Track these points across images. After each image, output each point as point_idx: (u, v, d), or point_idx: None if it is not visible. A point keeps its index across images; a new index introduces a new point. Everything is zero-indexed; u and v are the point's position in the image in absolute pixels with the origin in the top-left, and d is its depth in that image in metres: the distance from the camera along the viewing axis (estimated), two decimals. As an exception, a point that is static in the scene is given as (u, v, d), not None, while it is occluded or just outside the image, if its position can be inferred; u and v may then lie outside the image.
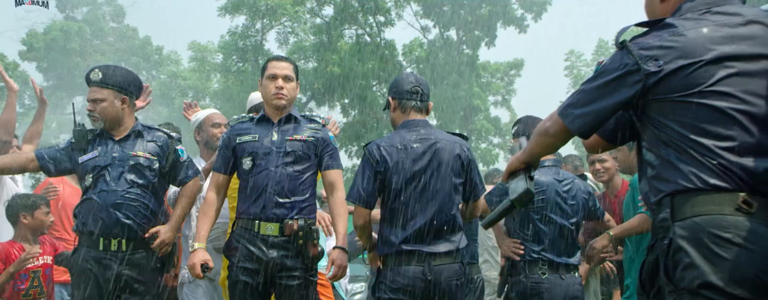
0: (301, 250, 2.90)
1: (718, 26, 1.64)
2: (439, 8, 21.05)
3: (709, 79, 1.60)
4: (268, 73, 3.06)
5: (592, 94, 1.71)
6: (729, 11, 1.68)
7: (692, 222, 1.56)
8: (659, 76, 1.63)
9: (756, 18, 1.67)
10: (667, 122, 1.65)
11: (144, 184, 3.05)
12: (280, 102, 3.03)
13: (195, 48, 26.14)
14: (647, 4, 1.85)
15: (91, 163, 3.05)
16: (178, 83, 26.88)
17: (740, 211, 1.53)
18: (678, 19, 1.69)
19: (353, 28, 20.82)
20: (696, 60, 1.61)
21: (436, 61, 20.46)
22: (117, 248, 2.98)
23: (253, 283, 2.88)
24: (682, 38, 1.63)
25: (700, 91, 1.60)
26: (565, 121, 1.75)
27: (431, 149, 2.88)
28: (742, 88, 1.60)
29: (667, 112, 1.65)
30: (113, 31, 28.44)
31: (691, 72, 1.61)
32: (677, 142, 1.63)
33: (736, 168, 1.56)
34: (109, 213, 2.96)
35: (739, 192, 1.54)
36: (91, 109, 3.08)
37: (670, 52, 1.63)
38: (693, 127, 1.61)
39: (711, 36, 1.63)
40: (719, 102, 1.59)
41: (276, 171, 2.94)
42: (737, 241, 1.50)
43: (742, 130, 1.58)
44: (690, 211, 1.58)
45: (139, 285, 3.00)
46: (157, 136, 3.18)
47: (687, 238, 1.56)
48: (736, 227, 1.51)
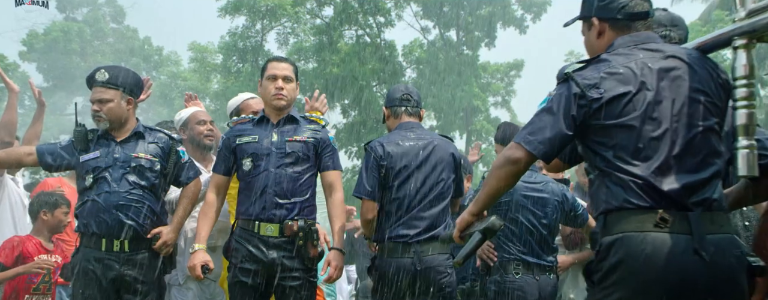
0: (301, 251, 2.91)
1: (645, 60, 1.89)
2: (439, 9, 21.04)
3: (635, 106, 1.84)
4: (268, 73, 3.06)
5: (549, 121, 1.89)
6: (652, 48, 1.93)
7: (616, 238, 1.80)
8: (600, 103, 1.86)
9: (675, 53, 1.93)
10: (598, 147, 1.88)
11: (146, 185, 3.06)
12: (279, 103, 3.03)
13: (195, 49, 26.13)
14: (586, 42, 2.10)
15: (92, 163, 3.06)
16: (178, 84, 26.86)
17: (658, 227, 1.76)
18: (611, 54, 1.94)
19: (353, 29, 20.81)
20: (627, 90, 1.85)
21: (436, 62, 20.45)
22: (119, 249, 2.99)
23: (253, 283, 2.89)
24: (615, 70, 1.88)
25: (627, 117, 1.84)
26: (529, 147, 1.89)
27: (429, 146, 3.12)
28: (662, 115, 1.84)
29: (600, 137, 1.88)
30: (113, 32, 28.43)
31: (623, 100, 1.85)
32: (607, 164, 1.86)
33: (654, 187, 1.78)
34: (111, 214, 2.97)
35: (657, 209, 1.77)
36: (97, 110, 3.07)
37: (608, 82, 1.86)
38: (619, 150, 1.84)
39: (638, 68, 1.87)
40: (643, 127, 1.83)
41: (276, 172, 2.94)
42: (651, 255, 1.74)
43: (660, 153, 1.82)
44: (616, 228, 1.81)
45: (141, 285, 3.01)
46: (158, 137, 3.19)
47: (611, 250, 1.81)
48: (653, 242, 1.75)
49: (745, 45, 1.89)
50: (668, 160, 1.82)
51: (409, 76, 21.60)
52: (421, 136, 3.15)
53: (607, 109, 1.86)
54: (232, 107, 3.70)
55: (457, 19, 21.06)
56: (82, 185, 3.08)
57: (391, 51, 20.65)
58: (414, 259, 2.96)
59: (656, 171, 1.80)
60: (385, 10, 20.43)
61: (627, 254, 1.78)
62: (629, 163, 1.82)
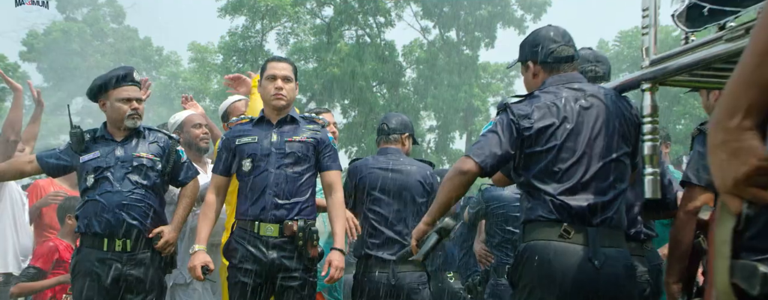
0: (301, 251, 2.91)
1: (569, 98, 2.25)
2: (439, 9, 21.05)
3: (557, 136, 2.20)
4: (268, 73, 3.06)
5: (495, 139, 2.23)
6: (576, 87, 2.30)
7: (529, 245, 2.18)
8: (530, 132, 2.21)
9: (594, 93, 2.29)
10: (524, 168, 2.25)
11: (148, 184, 3.07)
12: (279, 103, 3.03)
13: (195, 49, 26.14)
14: (524, 81, 2.46)
15: (93, 163, 3.06)
16: (178, 84, 26.87)
17: (561, 238, 2.13)
18: (542, 91, 2.31)
19: (353, 29, 20.82)
20: (552, 122, 2.21)
21: (436, 62, 20.46)
22: (121, 249, 2.99)
23: (252, 284, 2.89)
24: (543, 105, 2.24)
25: (549, 145, 2.20)
26: (477, 159, 2.20)
27: (397, 172, 3.37)
28: (578, 145, 2.20)
29: (526, 160, 2.23)
30: (113, 32, 28.43)
31: (548, 130, 2.20)
32: (530, 182, 2.22)
33: (564, 205, 2.14)
34: (114, 214, 2.97)
35: (563, 222, 2.13)
36: (135, 108, 3.11)
37: (537, 115, 2.22)
38: (540, 171, 2.20)
39: (562, 104, 2.23)
40: (561, 154, 2.19)
41: (276, 172, 2.94)
42: (553, 261, 2.11)
43: (573, 176, 2.17)
44: (529, 237, 2.19)
45: (143, 285, 3.01)
46: (158, 137, 3.20)
47: (524, 256, 2.17)
48: (555, 250, 2.12)
49: (649, 88, 2.22)
50: (579, 182, 2.17)
51: (409, 76, 21.61)
52: (394, 160, 3.42)
53: (535, 137, 2.22)
54: (222, 111, 3.78)
55: (457, 19, 21.05)
56: (83, 186, 3.08)
57: (391, 51, 20.65)
58: (389, 274, 3.23)
59: (567, 191, 2.16)
60: (385, 10, 20.43)
61: (535, 259, 2.14)
62: (546, 183, 2.19)
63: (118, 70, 3.18)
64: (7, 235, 3.91)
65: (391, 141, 3.51)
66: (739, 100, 1.05)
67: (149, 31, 47.20)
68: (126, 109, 3.09)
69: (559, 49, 2.36)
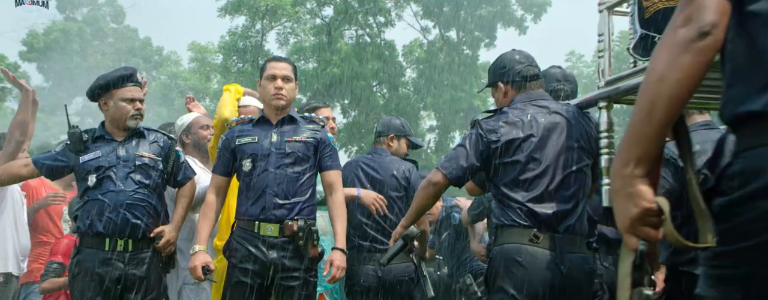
0: (301, 251, 2.91)
1: (535, 114, 2.48)
2: (439, 9, 21.04)
3: (523, 149, 2.42)
4: (267, 73, 3.06)
5: (463, 153, 2.46)
6: (541, 104, 2.53)
7: (502, 247, 2.38)
8: (498, 145, 2.43)
9: (558, 110, 2.51)
10: (495, 178, 2.47)
11: (150, 184, 3.08)
12: (279, 102, 3.03)
13: (195, 49, 26.14)
14: (496, 101, 2.68)
15: (94, 163, 3.05)
16: (178, 84, 26.87)
17: (532, 242, 2.33)
18: (511, 108, 2.53)
19: (353, 29, 20.83)
20: (518, 136, 2.43)
21: (436, 62, 20.45)
22: (123, 248, 2.99)
23: (253, 283, 2.89)
24: (511, 121, 2.46)
25: (516, 157, 2.41)
26: (445, 172, 2.45)
27: (383, 168, 3.64)
28: (544, 157, 2.41)
29: (497, 170, 2.45)
30: (113, 32, 28.43)
31: (514, 144, 2.42)
32: (500, 191, 2.44)
33: (532, 212, 2.35)
34: (118, 213, 2.97)
35: (532, 228, 2.34)
36: (139, 109, 3.11)
37: (504, 129, 2.45)
38: (509, 181, 2.42)
39: (529, 120, 2.46)
40: (527, 165, 2.40)
41: (276, 172, 2.94)
42: (524, 262, 2.32)
43: (539, 186, 2.38)
44: (502, 240, 2.40)
45: (144, 284, 3.01)
46: (157, 136, 3.21)
47: (498, 257, 2.38)
48: (526, 253, 2.33)
49: (605, 106, 2.42)
50: (545, 191, 2.38)
51: (409, 76, 21.61)
52: (376, 159, 3.71)
53: (503, 150, 2.43)
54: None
55: (457, 19, 21.05)
56: (83, 185, 3.07)
57: (391, 51, 20.65)
58: (376, 266, 3.46)
59: (534, 199, 2.37)
60: (385, 10, 20.44)
61: (508, 260, 2.35)
62: (516, 191, 2.40)
63: (121, 70, 3.18)
64: (8, 235, 3.91)
65: (380, 142, 3.81)
66: (631, 152, 1.24)
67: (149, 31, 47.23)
68: (129, 109, 3.10)
69: (525, 68, 2.60)
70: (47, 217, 4.27)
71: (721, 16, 1.18)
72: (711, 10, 1.18)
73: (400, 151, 3.78)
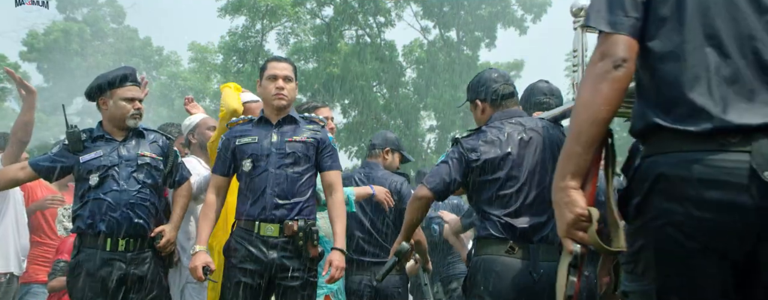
0: (301, 251, 2.92)
1: (511, 132, 2.63)
2: (439, 9, 21.04)
3: (502, 166, 2.57)
4: (268, 73, 3.06)
5: (446, 169, 2.61)
6: (517, 121, 2.68)
7: (480, 258, 2.56)
8: (477, 164, 2.59)
9: (533, 127, 2.66)
10: (476, 193, 2.63)
11: (151, 183, 3.09)
12: (280, 102, 3.04)
13: (195, 49, 26.13)
14: (475, 117, 2.85)
15: (96, 162, 3.05)
16: (178, 84, 26.86)
17: (507, 253, 2.51)
18: (489, 127, 2.68)
19: (353, 29, 20.81)
20: (497, 154, 2.58)
21: (436, 62, 20.45)
22: (124, 248, 2.99)
23: (253, 284, 2.89)
24: (489, 139, 2.62)
25: (495, 174, 2.57)
26: (430, 186, 2.62)
27: (377, 183, 3.82)
28: (520, 173, 2.57)
29: (478, 186, 2.61)
30: (113, 32, 28.42)
31: (494, 162, 2.58)
32: (481, 206, 2.61)
33: (510, 225, 2.52)
34: (123, 213, 2.98)
35: (509, 241, 2.51)
36: (138, 108, 3.12)
37: (483, 148, 2.60)
38: (489, 196, 2.58)
39: (506, 138, 2.61)
40: (506, 182, 2.56)
41: (276, 172, 2.95)
42: (500, 272, 2.49)
43: (516, 201, 2.54)
44: (480, 251, 2.58)
45: (145, 284, 3.02)
46: (156, 136, 3.22)
47: (476, 267, 2.57)
48: (502, 263, 2.50)
49: None
50: (521, 206, 2.54)
51: (409, 76, 21.61)
52: (368, 173, 3.93)
53: (483, 167, 2.59)
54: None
55: (457, 19, 21.05)
56: (84, 185, 3.06)
57: (391, 51, 20.64)
58: (370, 277, 3.64)
59: (511, 214, 2.53)
60: (385, 10, 20.43)
61: (485, 270, 2.53)
62: (494, 207, 2.56)
63: (121, 69, 3.18)
64: (10, 235, 3.92)
65: (374, 155, 3.98)
66: (565, 168, 1.50)
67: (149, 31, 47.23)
68: (129, 108, 3.10)
69: (501, 87, 2.77)
70: (42, 218, 4.27)
71: (630, 51, 1.46)
72: (622, 47, 1.46)
73: (393, 164, 3.97)
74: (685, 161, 1.38)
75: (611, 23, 1.49)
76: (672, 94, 1.43)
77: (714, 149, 1.36)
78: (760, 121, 1.35)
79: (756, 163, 1.33)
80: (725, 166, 1.35)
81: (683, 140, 1.40)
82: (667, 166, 1.41)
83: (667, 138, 1.42)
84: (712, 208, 1.34)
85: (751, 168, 1.33)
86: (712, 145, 1.37)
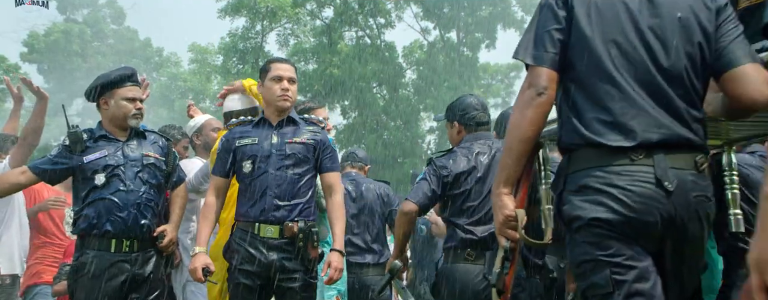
0: (301, 253, 2.92)
1: (479, 153, 3.02)
2: (439, 10, 21.05)
3: (469, 182, 2.96)
4: (273, 74, 3.05)
5: (426, 186, 2.97)
6: (485, 143, 3.07)
7: (446, 266, 2.97)
8: (448, 179, 2.97)
9: (499, 147, 2.93)
10: (444, 208, 3.04)
11: (155, 184, 3.10)
12: (285, 104, 3.04)
13: (195, 50, 26.16)
14: (449, 136, 3.23)
15: (102, 161, 3.03)
16: (179, 85, 26.88)
17: (466, 260, 2.89)
18: (459, 147, 3.08)
19: (353, 30, 20.84)
20: (464, 170, 2.97)
21: (436, 63, 20.46)
22: (129, 249, 2.99)
23: (253, 285, 2.89)
24: (459, 158, 3.01)
25: (462, 189, 2.96)
26: (415, 201, 2.93)
27: (368, 190, 4.20)
28: (485, 187, 2.91)
29: (446, 201, 3.01)
30: (114, 33, 28.42)
31: (461, 177, 2.96)
32: (449, 218, 3.00)
33: (471, 235, 2.89)
34: (129, 213, 2.97)
35: (468, 248, 2.89)
36: (139, 108, 3.13)
37: (454, 166, 2.99)
38: (456, 209, 2.97)
39: (473, 157, 3.00)
40: (470, 195, 2.93)
41: (276, 174, 2.95)
42: (460, 278, 2.87)
43: (480, 211, 2.90)
44: (447, 259, 2.98)
45: (149, 284, 3.03)
46: (156, 137, 3.23)
47: (442, 274, 2.96)
48: (462, 270, 2.88)
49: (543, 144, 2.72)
50: (483, 217, 2.88)
51: (409, 78, 21.62)
52: (355, 179, 4.26)
53: (453, 183, 2.97)
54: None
55: (457, 20, 21.06)
56: (89, 185, 3.02)
57: (391, 52, 20.66)
58: (354, 278, 3.91)
59: (474, 223, 2.90)
60: (385, 11, 20.45)
61: (448, 277, 2.90)
62: (459, 218, 2.95)
63: (122, 69, 3.18)
64: (14, 237, 3.94)
65: (355, 167, 4.40)
66: (499, 177, 1.83)
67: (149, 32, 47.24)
68: (131, 108, 3.10)
69: (479, 115, 3.14)
70: (49, 219, 4.27)
71: (550, 81, 1.77)
72: (544, 77, 1.77)
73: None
74: (602, 172, 1.69)
75: (535, 57, 1.80)
76: (588, 115, 1.75)
77: (625, 162, 1.68)
78: (657, 138, 1.68)
79: (659, 174, 1.66)
80: (635, 176, 1.66)
81: (600, 155, 1.71)
82: (588, 177, 1.71)
83: (587, 153, 1.74)
84: (628, 209, 1.65)
85: (655, 177, 1.66)
86: (623, 159, 1.69)
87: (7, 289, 3.90)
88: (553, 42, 1.80)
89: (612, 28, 1.77)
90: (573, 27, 1.80)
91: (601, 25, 1.78)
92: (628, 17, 1.78)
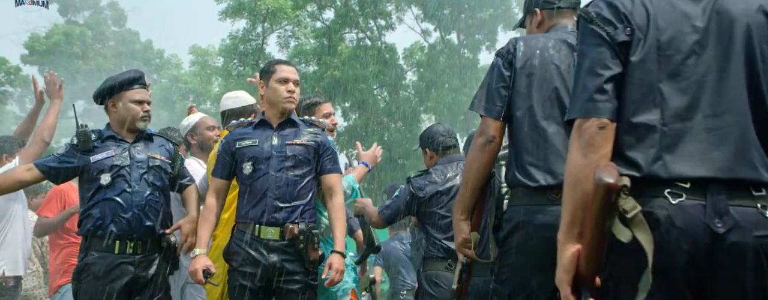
0: (302, 254, 2.92)
1: (452, 175, 3.45)
2: (440, 12, 21.05)
3: (442, 200, 3.40)
4: (278, 76, 3.05)
5: (395, 205, 3.54)
6: (456, 165, 3.48)
7: (427, 273, 3.43)
8: (424, 198, 3.43)
9: None
10: (423, 221, 3.51)
11: (161, 186, 3.10)
12: (291, 106, 3.06)
13: (196, 52, 26.16)
14: (424, 160, 3.71)
15: (108, 161, 3.03)
16: (179, 87, 26.89)
17: (446, 269, 3.32)
18: (434, 169, 3.52)
19: (354, 32, 20.83)
20: (438, 190, 3.42)
21: (437, 65, 20.45)
22: (133, 251, 2.99)
23: (253, 287, 2.90)
24: (433, 180, 3.46)
25: (435, 208, 3.40)
26: (383, 217, 3.57)
27: None
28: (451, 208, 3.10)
29: (424, 216, 3.47)
30: (115, 35, 28.41)
31: (435, 197, 3.42)
32: (426, 231, 3.47)
33: (447, 247, 3.29)
34: (134, 214, 2.97)
35: (447, 259, 3.33)
36: (147, 110, 3.13)
37: (429, 188, 3.44)
38: (431, 224, 3.42)
39: (447, 178, 3.45)
40: (443, 214, 3.36)
41: (276, 175, 2.95)
42: (440, 284, 3.31)
43: (449, 227, 3.08)
44: (427, 267, 3.44)
45: (151, 286, 3.03)
46: (163, 140, 3.24)
47: (423, 281, 3.45)
48: (443, 277, 3.33)
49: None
50: None
51: (409, 79, 21.62)
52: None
53: (427, 203, 3.43)
54: (232, 106, 3.73)
55: (457, 22, 21.06)
56: (95, 185, 3.01)
57: (391, 54, 20.66)
58: None
59: (450, 237, 3.06)
60: (386, 13, 20.45)
61: (429, 283, 3.38)
62: (435, 231, 3.39)
63: (130, 72, 3.20)
64: (19, 240, 3.94)
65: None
66: (458, 206, 2.28)
67: (150, 34, 47.28)
68: (139, 110, 3.11)
69: (446, 140, 3.60)
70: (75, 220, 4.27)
71: (497, 131, 2.17)
72: (492, 127, 2.17)
73: None
74: (530, 211, 2.07)
75: (486, 109, 2.19)
76: (525, 158, 2.12)
77: (545, 202, 2.04)
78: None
79: None
80: (553, 214, 1.85)
81: (530, 195, 2.09)
82: (520, 213, 2.09)
83: (520, 192, 2.13)
84: (549, 244, 1.81)
85: None
86: (543, 199, 2.05)
87: (10, 291, 3.90)
88: (500, 96, 2.17)
89: (544, 86, 2.14)
90: (514, 84, 2.17)
91: (537, 83, 2.15)
92: (559, 77, 2.14)
